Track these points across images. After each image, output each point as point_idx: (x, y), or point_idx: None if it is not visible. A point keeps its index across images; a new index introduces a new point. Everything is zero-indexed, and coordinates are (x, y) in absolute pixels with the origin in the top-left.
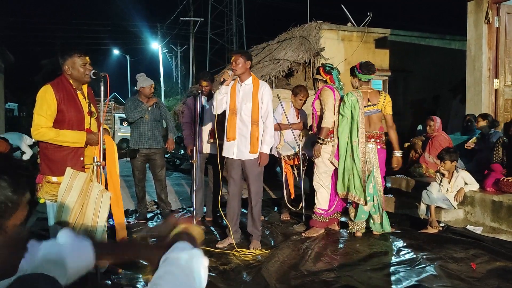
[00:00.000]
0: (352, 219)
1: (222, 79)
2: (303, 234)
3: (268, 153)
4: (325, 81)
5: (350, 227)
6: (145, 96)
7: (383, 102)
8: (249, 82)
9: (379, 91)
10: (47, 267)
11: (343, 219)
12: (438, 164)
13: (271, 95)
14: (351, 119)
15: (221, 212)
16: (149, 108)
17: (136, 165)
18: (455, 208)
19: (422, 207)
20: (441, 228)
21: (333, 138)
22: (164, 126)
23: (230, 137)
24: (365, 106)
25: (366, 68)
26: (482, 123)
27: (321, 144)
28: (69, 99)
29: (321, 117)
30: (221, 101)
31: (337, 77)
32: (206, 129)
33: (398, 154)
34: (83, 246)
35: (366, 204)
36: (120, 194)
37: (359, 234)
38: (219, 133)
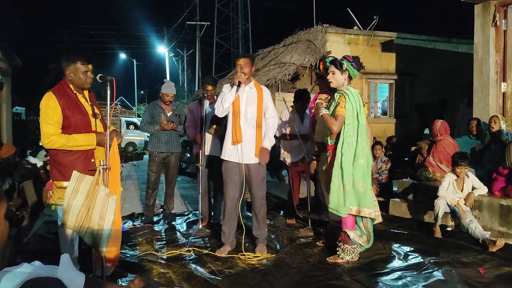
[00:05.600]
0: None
1: (237, 82)
2: (317, 243)
3: (270, 148)
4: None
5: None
6: (163, 101)
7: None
8: (253, 86)
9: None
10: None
11: None
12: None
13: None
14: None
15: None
16: (169, 115)
17: (152, 169)
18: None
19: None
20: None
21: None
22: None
23: (236, 140)
24: None
25: (359, 62)
26: (497, 126)
27: None
28: (72, 104)
29: None
30: (229, 105)
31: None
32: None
33: None
34: (76, 277)
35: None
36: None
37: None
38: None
